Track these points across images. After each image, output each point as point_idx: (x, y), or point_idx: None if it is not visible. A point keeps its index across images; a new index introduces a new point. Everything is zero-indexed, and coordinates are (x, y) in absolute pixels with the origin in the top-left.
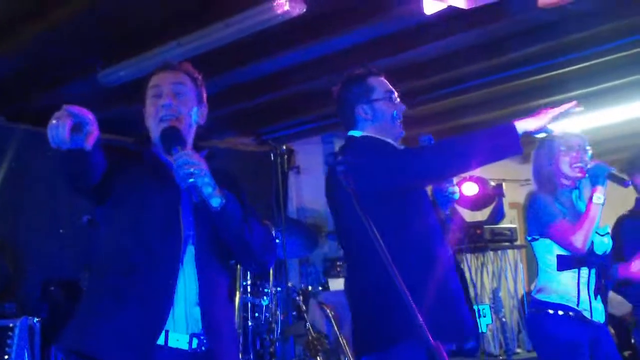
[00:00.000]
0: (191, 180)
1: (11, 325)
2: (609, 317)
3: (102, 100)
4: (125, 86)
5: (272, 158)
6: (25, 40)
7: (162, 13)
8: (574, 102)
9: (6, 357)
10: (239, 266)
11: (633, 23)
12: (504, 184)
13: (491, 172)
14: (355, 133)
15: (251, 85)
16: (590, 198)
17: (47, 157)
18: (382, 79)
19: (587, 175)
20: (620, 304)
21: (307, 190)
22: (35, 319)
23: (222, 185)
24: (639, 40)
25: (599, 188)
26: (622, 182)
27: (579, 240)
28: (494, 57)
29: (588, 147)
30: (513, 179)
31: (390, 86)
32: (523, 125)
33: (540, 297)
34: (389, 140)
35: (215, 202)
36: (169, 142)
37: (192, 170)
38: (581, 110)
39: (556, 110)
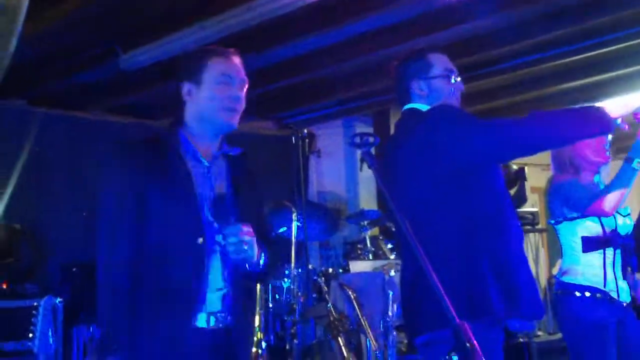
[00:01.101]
0: (242, 255)
1: (35, 304)
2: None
3: (123, 84)
4: (146, 70)
5: (293, 142)
6: (46, 25)
7: None
8: None
9: (30, 335)
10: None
11: None
12: (526, 168)
13: None
14: (419, 106)
15: (273, 69)
16: (628, 159)
17: (68, 139)
18: (443, 56)
19: (609, 160)
20: None
21: (328, 174)
22: (58, 300)
23: (243, 188)
24: None
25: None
26: None
27: (610, 202)
28: (520, 40)
29: None
30: (535, 163)
31: (451, 64)
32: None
33: (566, 279)
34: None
35: (255, 266)
36: (222, 214)
37: (245, 247)
38: None
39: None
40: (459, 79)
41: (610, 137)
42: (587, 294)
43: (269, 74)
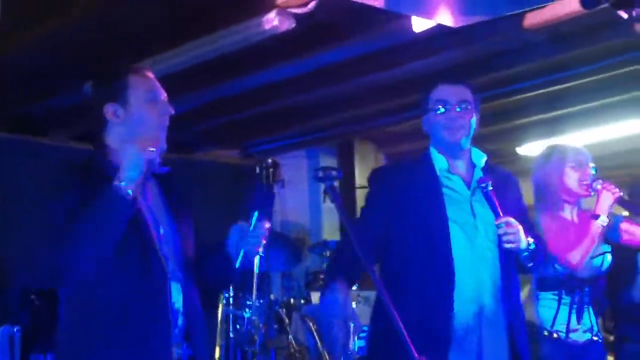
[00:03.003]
0: (260, 252)
1: None
2: None
3: (88, 111)
4: None
5: (257, 171)
6: (10, 51)
7: (148, 26)
8: None
9: None
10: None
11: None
12: None
13: None
14: None
15: (237, 98)
16: (594, 216)
17: (30, 165)
18: (439, 89)
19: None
20: None
21: (292, 204)
22: (16, 328)
23: (178, 207)
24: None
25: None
26: (635, 210)
27: (576, 257)
28: (482, 74)
29: (592, 164)
30: None
31: (442, 96)
32: None
33: (524, 310)
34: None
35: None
36: (265, 207)
37: (263, 243)
38: None
39: None
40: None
41: (594, 168)
42: (534, 329)
43: (233, 102)
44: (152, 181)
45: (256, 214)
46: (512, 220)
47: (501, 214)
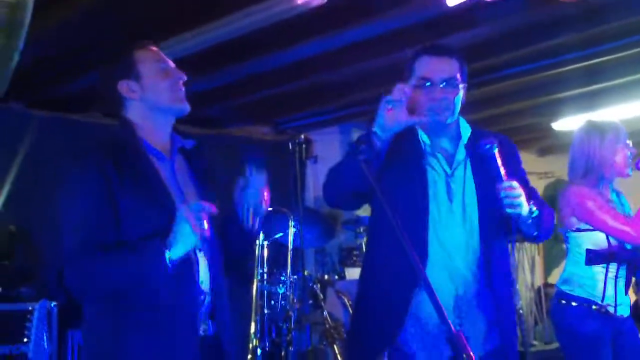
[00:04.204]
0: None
1: (30, 308)
2: None
3: None
4: None
5: (290, 147)
6: (45, 29)
7: (182, 1)
8: None
9: (25, 340)
10: (256, 252)
11: None
12: None
13: None
14: None
15: (270, 74)
16: None
17: (66, 143)
18: (423, 61)
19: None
20: None
21: (324, 179)
22: (53, 304)
23: (205, 181)
24: None
25: None
26: None
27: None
28: (520, 48)
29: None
30: (531, 172)
31: (426, 72)
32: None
33: (564, 288)
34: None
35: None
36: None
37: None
38: None
39: None
40: (441, 85)
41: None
42: (584, 305)
43: (266, 79)
44: (179, 156)
45: (251, 167)
46: (514, 183)
47: (505, 178)
